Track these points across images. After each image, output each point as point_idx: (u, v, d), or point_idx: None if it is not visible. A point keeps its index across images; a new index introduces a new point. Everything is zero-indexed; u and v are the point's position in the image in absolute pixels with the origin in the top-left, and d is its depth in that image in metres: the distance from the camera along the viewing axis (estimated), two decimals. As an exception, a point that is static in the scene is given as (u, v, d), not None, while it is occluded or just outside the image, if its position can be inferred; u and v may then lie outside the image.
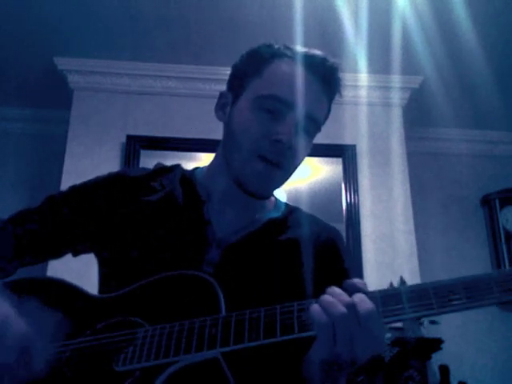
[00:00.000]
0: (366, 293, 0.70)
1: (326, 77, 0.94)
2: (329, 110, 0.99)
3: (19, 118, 3.65)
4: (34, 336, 0.78)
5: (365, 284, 0.72)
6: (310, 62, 0.92)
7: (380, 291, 0.71)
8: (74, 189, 1.04)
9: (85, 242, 1.01)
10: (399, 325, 2.87)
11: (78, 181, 1.07)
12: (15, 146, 3.60)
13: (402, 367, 2.73)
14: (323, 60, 0.93)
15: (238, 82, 0.98)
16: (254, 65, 0.95)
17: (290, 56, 0.93)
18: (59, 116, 3.48)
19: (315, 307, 0.69)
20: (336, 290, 0.71)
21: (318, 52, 0.94)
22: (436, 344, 2.87)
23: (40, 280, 0.95)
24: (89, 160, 3.17)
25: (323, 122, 0.98)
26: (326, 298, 0.70)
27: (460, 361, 3.15)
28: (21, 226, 1.01)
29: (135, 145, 3.22)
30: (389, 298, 0.69)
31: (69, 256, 1.06)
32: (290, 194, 3.21)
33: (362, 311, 0.67)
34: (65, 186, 3.44)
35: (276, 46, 0.96)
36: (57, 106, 3.51)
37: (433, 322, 2.90)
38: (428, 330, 2.91)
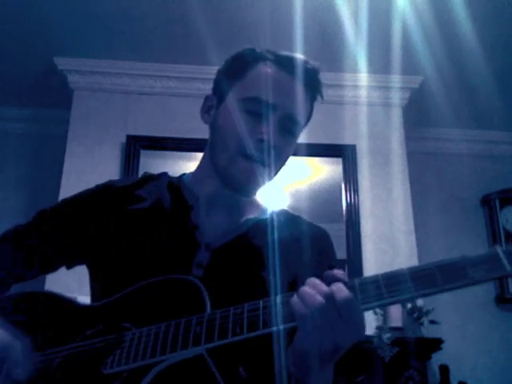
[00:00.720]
0: (345, 282, 0.71)
1: (307, 79, 0.97)
2: (311, 111, 1.03)
3: (19, 118, 3.65)
4: (15, 346, 0.80)
5: (344, 274, 0.73)
6: (292, 64, 0.97)
7: (359, 279, 0.72)
8: (64, 202, 1.06)
9: (77, 254, 1.02)
10: (399, 325, 2.87)
11: (78, 181, 1.09)
12: (15, 146, 3.61)
13: (402, 367, 2.73)
14: (304, 63, 0.97)
15: (222, 85, 1.02)
16: (237, 68, 1.00)
17: (272, 59, 0.97)
18: (59, 116, 3.48)
19: (294, 299, 0.71)
20: (315, 280, 0.72)
21: (299, 55, 0.98)
22: (436, 344, 2.87)
23: (30, 294, 0.97)
24: (89, 160, 3.17)
25: (305, 123, 1.02)
26: (304, 289, 0.72)
27: (460, 361, 3.15)
28: (14, 242, 1.02)
29: (135, 145, 3.22)
30: (367, 286, 0.71)
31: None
32: (290, 194, 3.21)
33: (339, 299, 0.69)
34: (65, 186, 3.43)
35: (258, 50, 1.00)
36: (57, 106, 3.51)
37: (433, 322, 2.90)
38: (428, 330, 2.91)
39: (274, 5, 2.80)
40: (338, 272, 0.73)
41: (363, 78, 3.35)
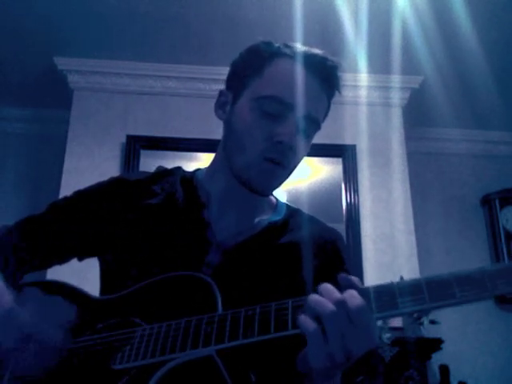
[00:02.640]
0: (359, 288, 0.70)
1: (326, 76, 0.94)
2: (328, 108, 0.99)
3: (19, 118, 3.65)
4: (38, 326, 0.82)
5: (358, 280, 0.72)
6: (310, 61, 0.92)
7: (373, 286, 0.70)
8: (77, 194, 1.05)
9: (89, 247, 1.02)
10: (399, 325, 2.87)
11: (78, 181, 1.08)
12: (15, 146, 3.60)
13: (402, 367, 2.73)
14: (323, 59, 0.94)
15: (237, 80, 0.97)
16: (253, 64, 0.95)
17: (290, 55, 0.93)
18: (59, 116, 3.48)
19: (301, 317, 0.69)
20: (327, 286, 0.71)
21: (317, 51, 0.95)
22: (436, 344, 2.87)
23: (42, 283, 0.97)
24: (89, 160, 3.17)
25: (323, 121, 0.98)
26: (313, 297, 0.70)
27: (460, 361, 3.15)
28: (27, 232, 1.02)
29: (135, 145, 3.22)
30: (382, 294, 0.69)
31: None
32: (290, 194, 3.21)
33: (352, 307, 0.67)
34: (65, 186, 3.43)
35: (276, 45, 0.96)
36: (57, 106, 3.51)
37: (433, 322, 2.90)
38: (428, 330, 2.91)
39: (274, 4, 2.80)
40: (352, 278, 0.72)
41: (363, 77, 3.34)
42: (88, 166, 3.14)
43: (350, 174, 3.27)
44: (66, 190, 3.27)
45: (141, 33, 3.06)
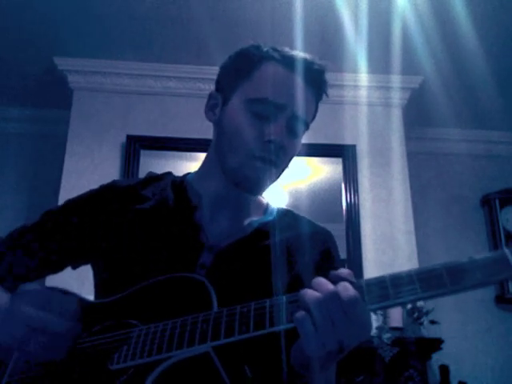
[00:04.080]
0: (351, 281, 0.71)
1: (313, 79, 0.97)
2: (316, 111, 1.03)
3: (19, 118, 3.65)
4: (46, 318, 0.83)
5: (350, 273, 0.73)
6: (298, 64, 0.96)
7: (366, 280, 0.72)
8: (69, 203, 1.06)
9: (83, 254, 1.02)
10: (399, 325, 2.87)
11: (78, 181, 1.09)
12: (15, 146, 3.61)
13: (402, 367, 2.73)
14: (310, 63, 0.97)
15: (227, 83, 1.00)
16: (243, 67, 0.98)
17: (278, 59, 0.97)
18: (59, 116, 3.48)
19: (298, 312, 0.70)
20: (320, 279, 0.72)
21: (305, 55, 0.98)
22: (436, 344, 2.87)
23: (36, 290, 0.97)
24: (89, 160, 3.17)
25: (311, 122, 1.02)
26: (303, 290, 0.71)
27: (460, 361, 3.15)
28: (21, 243, 1.02)
29: (135, 145, 3.22)
30: (374, 286, 0.70)
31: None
32: (290, 194, 3.22)
33: (345, 299, 0.68)
34: (65, 185, 3.41)
35: (264, 49, 0.99)
36: (57, 106, 3.51)
37: (433, 322, 2.90)
38: (428, 330, 2.91)
39: (274, 5, 2.80)
40: (344, 271, 0.73)
41: (363, 78, 3.35)
42: (88, 166, 3.14)
43: (350, 174, 3.27)
44: (66, 190, 3.27)
45: (141, 33, 3.06)
